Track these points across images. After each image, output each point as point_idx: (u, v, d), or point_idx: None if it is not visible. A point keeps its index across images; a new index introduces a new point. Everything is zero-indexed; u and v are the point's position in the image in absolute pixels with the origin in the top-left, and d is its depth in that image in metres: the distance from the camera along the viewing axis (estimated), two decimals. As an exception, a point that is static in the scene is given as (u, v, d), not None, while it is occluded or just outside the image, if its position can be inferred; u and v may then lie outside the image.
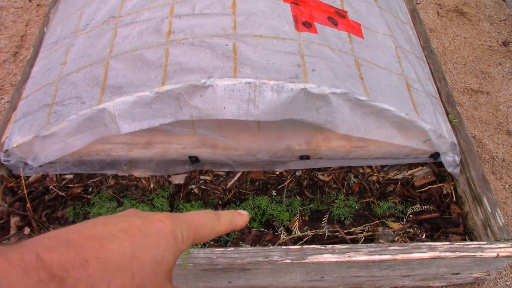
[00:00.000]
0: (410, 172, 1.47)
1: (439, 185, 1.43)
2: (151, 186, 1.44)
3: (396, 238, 1.29)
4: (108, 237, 0.35)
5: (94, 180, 1.44)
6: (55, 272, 0.30)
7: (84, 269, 0.32)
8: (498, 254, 1.14)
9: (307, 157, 1.45)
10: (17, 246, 0.31)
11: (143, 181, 1.44)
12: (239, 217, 0.49)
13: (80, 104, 1.21)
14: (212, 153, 1.41)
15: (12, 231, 1.30)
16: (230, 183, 1.45)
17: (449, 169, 1.40)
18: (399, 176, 1.47)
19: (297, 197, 1.41)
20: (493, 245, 1.16)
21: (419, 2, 2.47)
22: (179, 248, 0.40)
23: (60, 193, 1.39)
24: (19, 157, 1.32)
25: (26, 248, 0.31)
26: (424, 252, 1.13)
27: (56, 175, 1.42)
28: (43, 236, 0.34)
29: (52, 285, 0.30)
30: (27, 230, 1.29)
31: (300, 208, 1.37)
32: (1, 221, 1.32)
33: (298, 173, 1.47)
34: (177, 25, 1.29)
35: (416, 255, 1.13)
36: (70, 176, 1.44)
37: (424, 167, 1.48)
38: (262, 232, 1.32)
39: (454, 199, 1.40)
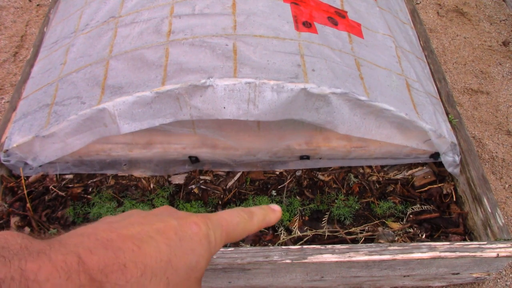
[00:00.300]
0: (410, 172, 1.47)
1: (439, 185, 1.43)
2: (151, 186, 1.44)
3: (396, 238, 1.29)
4: (146, 240, 0.34)
5: (94, 180, 1.44)
6: (94, 276, 0.30)
7: (123, 274, 0.31)
8: (498, 254, 1.14)
9: (307, 157, 1.45)
10: (58, 244, 0.31)
11: (143, 181, 1.44)
12: (272, 214, 0.47)
13: (80, 104, 1.21)
14: (212, 153, 1.41)
15: (12, 231, 1.30)
16: (230, 183, 1.45)
17: (449, 169, 1.40)
18: (399, 176, 1.47)
19: (297, 197, 1.41)
20: (493, 245, 1.16)
21: (419, 2, 2.47)
22: (211, 252, 0.39)
23: (60, 193, 1.39)
24: (19, 157, 1.32)
25: (67, 248, 0.30)
26: (424, 252, 1.13)
27: (56, 175, 1.43)
28: (81, 233, 0.33)
29: None
30: (27, 230, 1.29)
31: (300, 208, 1.37)
32: (1, 221, 1.32)
33: (298, 173, 1.47)
34: (177, 25, 1.29)
35: (416, 255, 1.13)
36: (70, 176, 1.44)
37: (424, 167, 1.48)
38: (262, 232, 1.32)
39: (454, 199, 1.40)
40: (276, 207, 0.48)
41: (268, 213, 0.47)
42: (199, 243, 0.37)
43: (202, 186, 1.44)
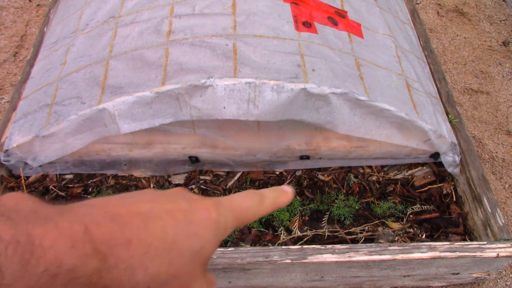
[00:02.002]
0: (410, 172, 1.47)
1: (439, 185, 1.43)
2: (151, 186, 1.44)
3: (396, 238, 1.29)
4: (154, 219, 0.34)
5: (94, 180, 1.44)
6: (99, 247, 0.30)
7: (127, 249, 0.31)
8: (498, 254, 1.14)
9: (307, 157, 1.45)
10: (67, 212, 0.31)
11: (143, 181, 1.44)
12: (283, 196, 0.46)
13: (80, 104, 1.21)
14: (212, 153, 1.41)
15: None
16: (230, 183, 1.45)
17: (449, 169, 1.40)
18: (399, 176, 1.47)
19: (297, 197, 1.41)
20: (493, 245, 1.16)
21: (419, 2, 2.47)
22: (220, 238, 0.38)
23: (60, 193, 1.39)
24: (19, 157, 1.32)
25: (75, 217, 0.30)
26: (424, 252, 1.13)
27: (56, 175, 1.43)
28: (91, 204, 0.33)
29: (95, 261, 0.29)
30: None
31: (300, 208, 1.37)
32: (1, 221, 1.32)
33: (298, 173, 1.47)
34: (177, 25, 1.29)
35: (416, 255, 1.13)
36: (70, 176, 1.44)
37: (424, 167, 1.48)
38: (262, 232, 1.32)
39: (454, 199, 1.40)
40: (287, 188, 0.47)
41: (279, 195, 0.45)
42: (206, 229, 0.37)
43: (202, 186, 1.44)
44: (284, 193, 0.46)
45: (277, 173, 1.47)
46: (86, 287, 0.29)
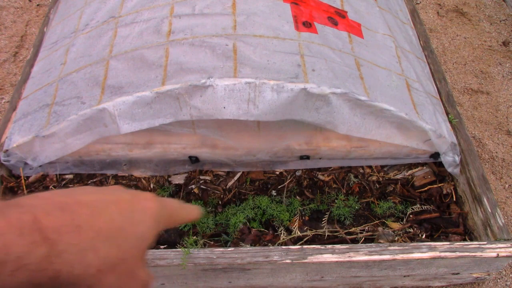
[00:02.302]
0: (410, 172, 1.47)
1: (439, 185, 1.43)
2: (151, 186, 1.44)
3: (396, 238, 1.29)
4: (101, 207, 0.36)
5: (94, 180, 1.44)
6: (48, 235, 0.31)
7: (77, 234, 0.33)
8: (498, 254, 1.14)
9: (307, 157, 1.45)
10: (16, 205, 0.32)
11: (143, 181, 1.44)
12: (194, 212, 0.51)
13: (80, 104, 1.21)
14: (212, 153, 1.41)
15: None
16: (230, 183, 1.45)
17: (449, 169, 1.40)
18: (399, 176, 1.47)
19: (297, 197, 1.41)
20: (493, 245, 1.16)
21: (419, 2, 2.47)
22: (157, 229, 0.42)
23: (60, 193, 1.39)
24: (19, 157, 1.32)
25: (24, 208, 0.32)
26: (424, 252, 1.13)
27: (56, 175, 1.43)
28: (39, 197, 0.35)
29: (43, 248, 0.31)
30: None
31: (300, 208, 1.37)
32: (1, 221, 1.32)
33: (298, 173, 1.47)
34: (177, 25, 1.29)
35: (416, 255, 1.13)
36: (70, 176, 1.44)
37: (424, 167, 1.48)
38: (262, 232, 1.32)
39: (454, 199, 1.40)
40: (196, 208, 0.53)
41: (191, 210, 0.51)
42: (149, 217, 0.40)
43: (202, 186, 1.44)
44: (194, 210, 0.51)
45: (277, 173, 1.47)
46: (36, 273, 0.31)
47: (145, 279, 0.41)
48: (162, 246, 1.28)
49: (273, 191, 1.43)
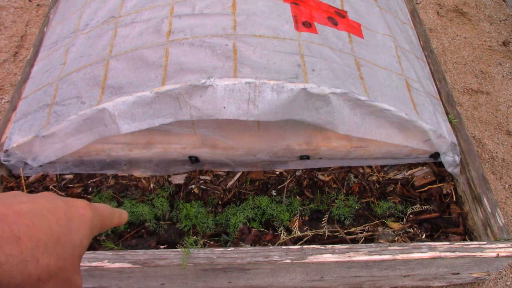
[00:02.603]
0: (410, 172, 1.47)
1: (439, 185, 1.43)
2: (151, 186, 1.44)
3: (396, 238, 1.29)
4: (39, 217, 0.37)
5: (94, 180, 1.44)
6: None
7: (17, 245, 0.34)
8: (498, 254, 1.14)
9: (307, 157, 1.45)
10: None
11: (143, 181, 1.44)
12: (123, 216, 0.54)
13: (80, 104, 1.21)
14: (212, 153, 1.42)
15: None
16: (230, 183, 1.45)
17: (449, 169, 1.40)
18: (399, 176, 1.47)
19: (297, 197, 1.41)
20: (493, 245, 1.16)
21: (419, 2, 2.47)
22: (92, 234, 0.44)
23: (60, 193, 1.39)
24: (19, 157, 1.32)
25: None
26: (424, 252, 1.13)
27: (56, 175, 1.43)
28: None
29: None
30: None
31: (300, 208, 1.37)
32: (1, 221, 1.32)
33: (298, 173, 1.47)
34: (177, 25, 1.29)
35: (416, 255, 1.13)
36: (70, 176, 1.44)
37: (424, 167, 1.48)
38: (262, 232, 1.32)
39: (454, 199, 1.40)
40: (124, 213, 0.55)
41: (120, 215, 0.53)
42: (84, 224, 0.41)
43: (202, 186, 1.44)
44: (125, 216, 0.54)
45: (277, 173, 1.47)
46: None
47: (79, 284, 0.43)
48: (162, 246, 1.28)
49: (273, 191, 1.43)
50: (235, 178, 1.46)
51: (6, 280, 0.33)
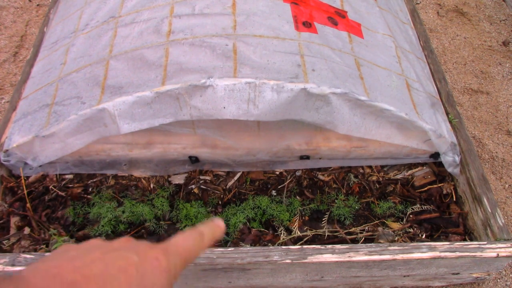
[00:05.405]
0: (410, 172, 1.47)
1: (439, 185, 1.43)
2: (151, 186, 1.44)
3: (396, 238, 1.29)
4: (109, 280, 0.35)
5: (94, 180, 1.44)
6: None
7: None
8: (498, 254, 1.14)
9: (307, 157, 1.45)
10: (25, 283, 0.32)
11: (143, 181, 1.44)
12: (218, 230, 0.50)
13: (80, 104, 1.21)
14: (212, 153, 1.41)
15: (12, 231, 1.30)
16: (230, 183, 1.45)
17: (449, 169, 1.40)
18: (399, 176, 1.47)
19: (297, 197, 1.41)
20: (493, 245, 1.16)
21: (419, 2, 2.47)
22: (172, 282, 0.41)
23: (60, 193, 1.39)
24: (19, 157, 1.32)
25: None
26: (424, 252, 1.13)
27: (56, 175, 1.42)
28: (46, 273, 0.34)
29: None
30: (27, 230, 1.29)
31: (300, 208, 1.37)
32: (1, 221, 1.32)
33: (298, 173, 1.47)
34: (177, 25, 1.29)
35: (416, 255, 1.13)
36: (70, 176, 1.44)
37: (424, 167, 1.48)
38: (262, 232, 1.32)
39: (454, 199, 1.40)
40: (220, 223, 0.51)
41: (215, 230, 0.50)
42: (160, 277, 0.39)
43: (202, 186, 1.44)
44: (218, 228, 0.50)
45: (277, 173, 1.47)
46: None
47: None
48: (162, 246, 1.28)
49: (273, 191, 1.43)
50: (235, 178, 1.46)
51: None
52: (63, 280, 0.34)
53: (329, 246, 1.14)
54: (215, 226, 0.50)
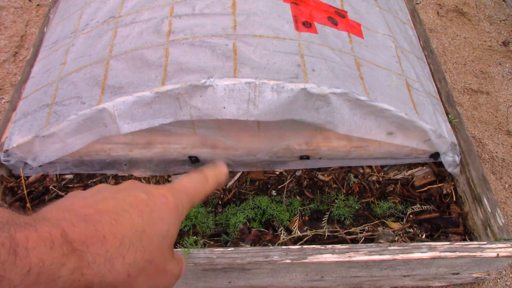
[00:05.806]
0: (410, 172, 1.47)
1: (439, 185, 1.43)
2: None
3: (396, 238, 1.29)
4: (121, 213, 0.37)
5: (94, 180, 1.44)
6: (76, 246, 0.33)
7: (102, 244, 0.34)
8: (498, 254, 1.14)
9: (307, 157, 1.45)
10: (43, 218, 0.34)
11: (143, 181, 1.44)
12: (221, 173, 0.51)
13: (80, 104, 1.21)
14: (212, 153, 1.42)
15: None
16: (230, 183, 1.45)
17: (449, 169, 1.40)
18: (399, 176, 1.47)
19: (297, 197, 1.41)
20: (493, 245, 1.16)
21: (419, 2, 2.47)
22: (180, 219, 0.42)
23: (60, 193, 1.39)
24: (19, 157, 1.32)
25: (51, 222, 0.33)
26: (424, 252, 1.13)
27: (56, 175, 1.43)
28: (62, 207, 0.36)
29: (73, 259, 0.32)
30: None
31: (300, 208, 1.37)
32: (1, 221, 1.32)
33: (298, 173, 1.47)
34: (177, 25, 1.29)
35: (416, 255, 1.13)
36: (70, 176, 1.44)
37: (424, 167, 1.48)
38: (262, 232, 1.32)
39: (454, 199, 1.40)
40: (222, 168, 0.52)
41: (218, 174, 0.51)
42: (168, 213, 0.41)
43: (202, 186, 1.43)
44: (222, 172, 0.51)
45: (277, 173, 1.47)
46: (69, 285, 0.32)
47: (175, 271, 0.43)
48: (162, 246, 1.28)
49: (273, 191, 1.43)
50: (235, 178, 1.46)
51: (97, 280, 0.34)
52: (77, 213, 0.35)
53: (329, 246, 1.14)
54: (218, 170, 0.51)
